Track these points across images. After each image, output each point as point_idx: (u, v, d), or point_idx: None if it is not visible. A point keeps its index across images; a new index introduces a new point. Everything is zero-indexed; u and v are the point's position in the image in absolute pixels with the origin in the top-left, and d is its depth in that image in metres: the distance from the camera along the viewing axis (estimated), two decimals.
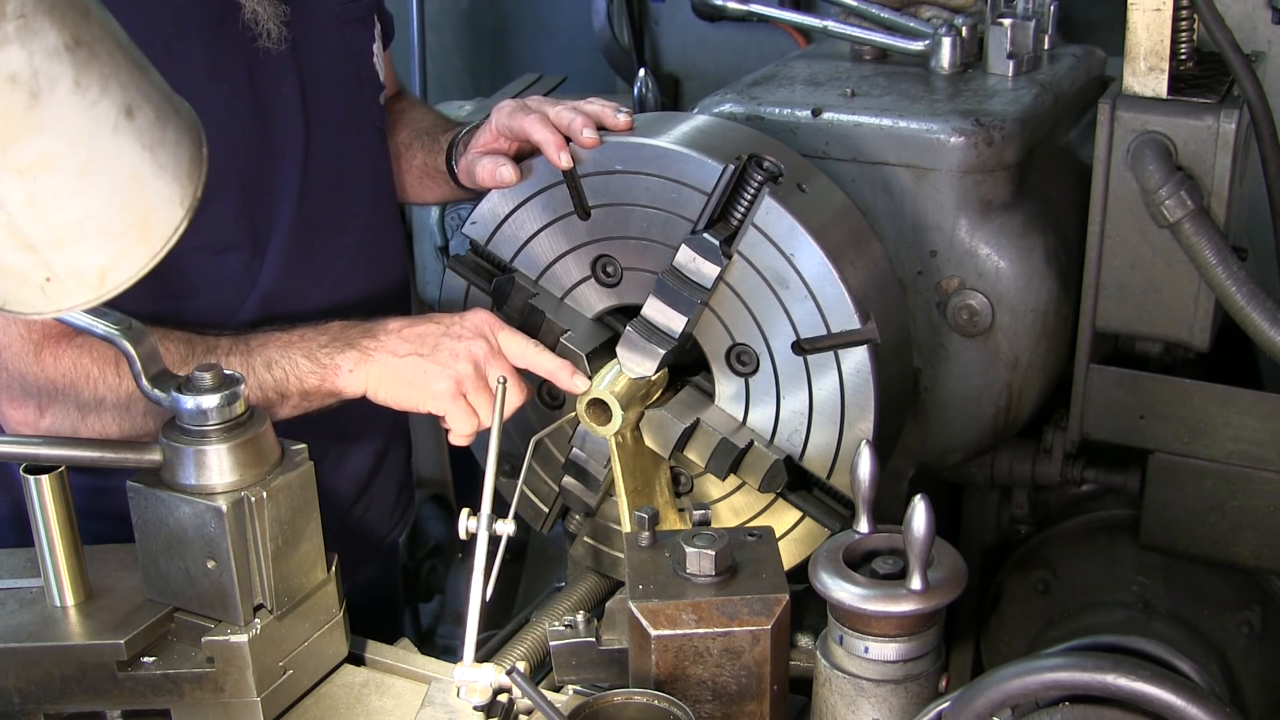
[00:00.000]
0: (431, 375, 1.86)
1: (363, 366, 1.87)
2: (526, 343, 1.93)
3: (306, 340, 1.90)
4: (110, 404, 1.85)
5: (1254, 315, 1.95)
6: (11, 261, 1.26)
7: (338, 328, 1.92)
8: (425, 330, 1.89)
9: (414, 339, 1.88)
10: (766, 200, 1.87)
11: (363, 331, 1.91)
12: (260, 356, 1.87)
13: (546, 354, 1.94)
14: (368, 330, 1.91)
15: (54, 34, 1.18)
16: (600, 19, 4.02)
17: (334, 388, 1.89)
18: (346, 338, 1.90)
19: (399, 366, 1.87)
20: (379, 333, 1.90)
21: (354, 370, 1.87)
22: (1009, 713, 1.34)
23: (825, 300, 1.87)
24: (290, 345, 1.89)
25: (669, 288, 1.92)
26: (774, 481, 1.96)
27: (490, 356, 1.89)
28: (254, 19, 1.92)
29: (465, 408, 1.88)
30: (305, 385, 1.88)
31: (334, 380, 1.88)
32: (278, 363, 1.87)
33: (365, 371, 1.88)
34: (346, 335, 1.91)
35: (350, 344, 1.89)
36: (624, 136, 1.97)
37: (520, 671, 1.55)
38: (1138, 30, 2.02)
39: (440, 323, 1.91)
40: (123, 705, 1.65)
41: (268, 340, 1.90)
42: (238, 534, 1.57)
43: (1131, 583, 2.53)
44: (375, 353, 1.88)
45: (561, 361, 1.95)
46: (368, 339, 1.89)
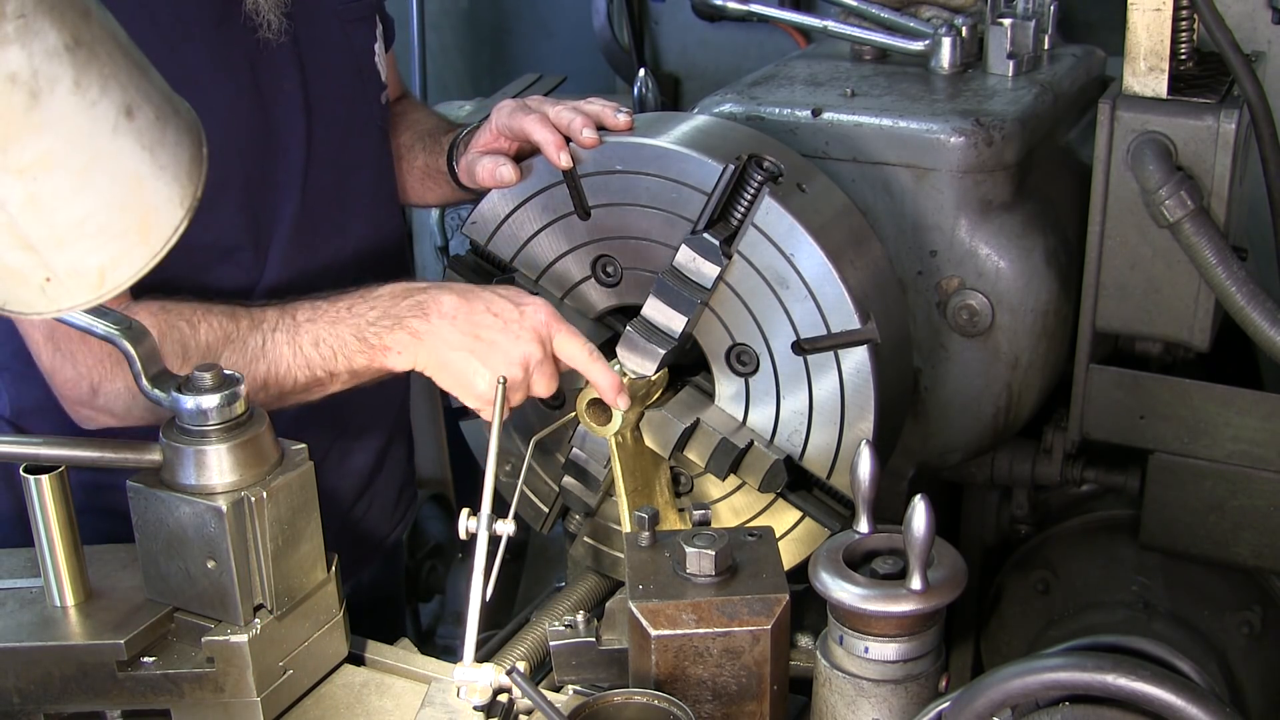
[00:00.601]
0: (479, 377, 1.80)
1: (411, 349, 1.81)
2: (583, 348, 1.85)
3: (355, 314, 1.84)
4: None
5: (1254, 315, 1.95)
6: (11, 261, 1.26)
7: (388, 297, 1.84)
8: (481, 322, 1.81)
9: (469, 330, 1.81)
10: (766, 200, 1.87)
11: (414, 307, 1.83)
12: (308, 333, 1.83)
13: (601, 365, 1.86)
14: (419, 306, 1.83)
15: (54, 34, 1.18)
16: (600, 19, 4.02)
17: (383, 366, 1.84)
18: (396, 313, 1.82)
19: (448, 358, 1.81)
20: (431, 312, 1.82)
21: (402, 352, 1.82)
22: (1009, 713, 1.34)
23: (825, 300, 1.87)
24: (338, 321, 1.83)
25: (669, 288, 1.92)
26: (774, 481, 1.96)
27: (541, 363, 1.82)
28: (254, 9, 1.92)
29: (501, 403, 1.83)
30: (354, 364, 1.84)
31: (382, 360, 1.83)
32: (325, 341, 1.83)
33: (414, 354, 1.82)
34: (396, 310, 1.83)
35: (399, 322, 1.82)
36: (624, 136, 1.97)
37: (520, 671, 1.55)
38: (1138, 30, 2.02)
39: (499, 315, 1.82)
40: (123, 705, 1.65)
41: (315, 314, 1.85)
42: (238, 534, 1.57)
43: (1131, 583, 2.53)
44: (426, 337, 1.81)
45: (613, 378, 1.87)
46: (419, 318, 1.82)
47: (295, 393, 1.86)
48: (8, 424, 2.08)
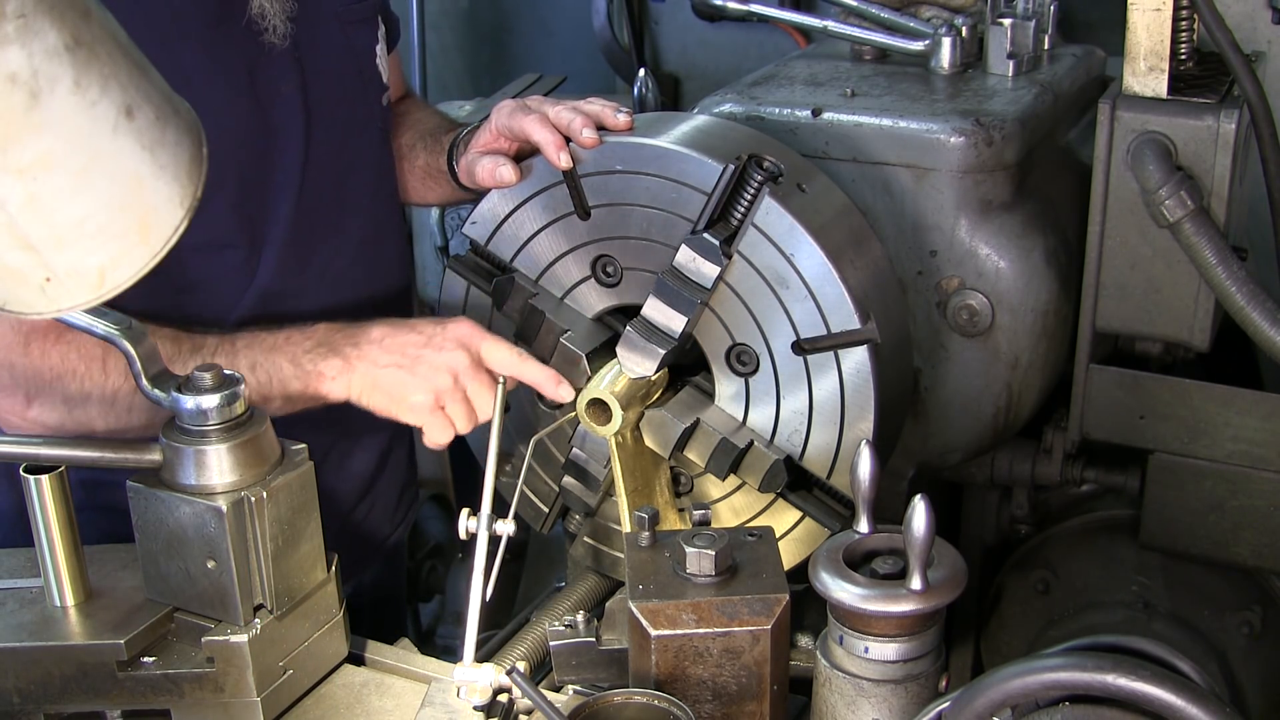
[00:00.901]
0: (409, 388, 1.87)
1: (345, 375, 1.88)
2: (511, 352, 1.91)
3: (292, 344, 1.90)
4: (95, 399, 1.85)
5: (1254, 315, 1.95)
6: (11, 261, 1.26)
7: (324, 331, 1.92)
8: (407, 340, 1.89)
9: (395, 349, 1.88)
10: (766, 200, 1.87)
11: (347, 337, 1.91)
12: (245, 358, 1.88)
13: (532, 363, 1.93)
14: (351, 336, 1.91)
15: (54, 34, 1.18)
16: (600, 19, 4.02)
17: (317, 393, 1.90)
18: (331, 343, 1.90)
19: (379, 376, 1.87)
20: (362, 340, 1.90)
21: (336, 378, 1.88)
22: (1009, 713, 1.34)
23: (825, 300, 1.87)
24: (275, 349, 1.89)
25: (669, 288, 1.92)
26: (774, 481, 1.96)
27: (471, 370, 1.88)
28: (260, 14, 1.93)
29: (442, 419, 1.89)
30: (289, 389, 1.89)
31: (317, 386, 1.89)
32: (261, 365, 1.88)
33: (347, 379, 1.88)
34: (331, 340, 1.90)
35: (334, 350, 1.89)
36: (624, 136, 1.97)
37: (520, 671, 1.55)
38: (1138, 30, 2.02)
39: (423, 333, 1.90)
40: (123, 705, 1.65)
41: (253, 341, 1.90)
42: (238, 534, 1.57)
43: (1131, 583, 2.53)
44: (357, 361, 1.88)
45: (548, 371, 1.93)
46: (351, 346, 1.89)
47: None
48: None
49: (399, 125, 2.38)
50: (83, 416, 1.86)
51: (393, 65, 2.33)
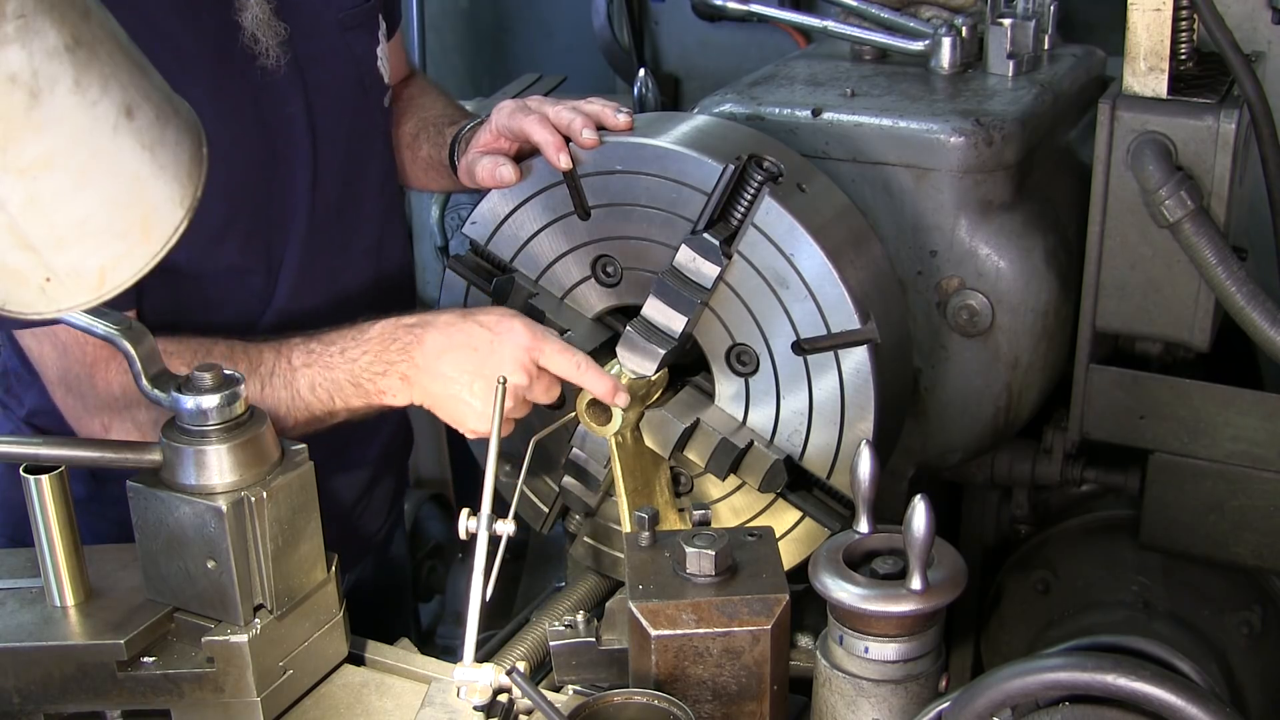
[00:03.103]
0: (469, 414, 1.85)
1: (404, 392, 1.88)
2: (572, 360, 1.86)
3: (348, 359, 1.88)
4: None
5: (1254, 315, 1.95)
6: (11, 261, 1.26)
7: (377, 340, 1.88)
8: (462, 360, 1.84)
9: (450, 369, 1.84)
10: (766, 200, 1.87)
11: (402, 350, 1.87)
12: (304, 379, 1.88)
13: (593, 372, 1.88)
14: (406, 350, 1.87)
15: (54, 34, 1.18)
16: (600, 19, 4.02)
17: (380, 405, 1.90)
18: (387, 359, 1.87)
19: (438, 398, 1.86)
20: (417, 355, 1.86)
21: (397, 395, 1.88)
22: (1009, 713, 1.34)
23: (825, 300, 1.87)
24: (332, 367, 1.88)
25: (669, 288, 1.92)
26: (774, 481, 1.96)
27: (529, 388, 1.85)
28: (253, 40, 1.92)
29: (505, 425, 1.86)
30: (351, 405, 1.90)
31: (379, 401, 1.89)
32: (321, 385, 1.88)
33: (408, 394, 1.88)
34: (387, 355, 1.87)
35: (391, 367, 1.87)
36: (624, 136, 1.97)
37: (520, 671, 1.55)
38: (1138, 30, 2.02)
39: (478, 349, 1.84)
40: (123, 705, 1.65)
41: (309, 359, 1.89)
42: (238, 534, 1.57)
43: (1131, 583, 2.53)
44: (415, 378, 1.86)
45: (609, 379, 1.89)
46: (405, 362, 1.87)
47: (295, 430, 1.91)
48: (26, 425, 2.09)
49: (403, 112, 2.37)
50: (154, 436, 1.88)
51: (395, 49, 2.32)
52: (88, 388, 1.87)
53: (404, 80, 2.44)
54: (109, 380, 1.87)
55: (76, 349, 1.85)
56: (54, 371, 1.89)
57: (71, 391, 1.89)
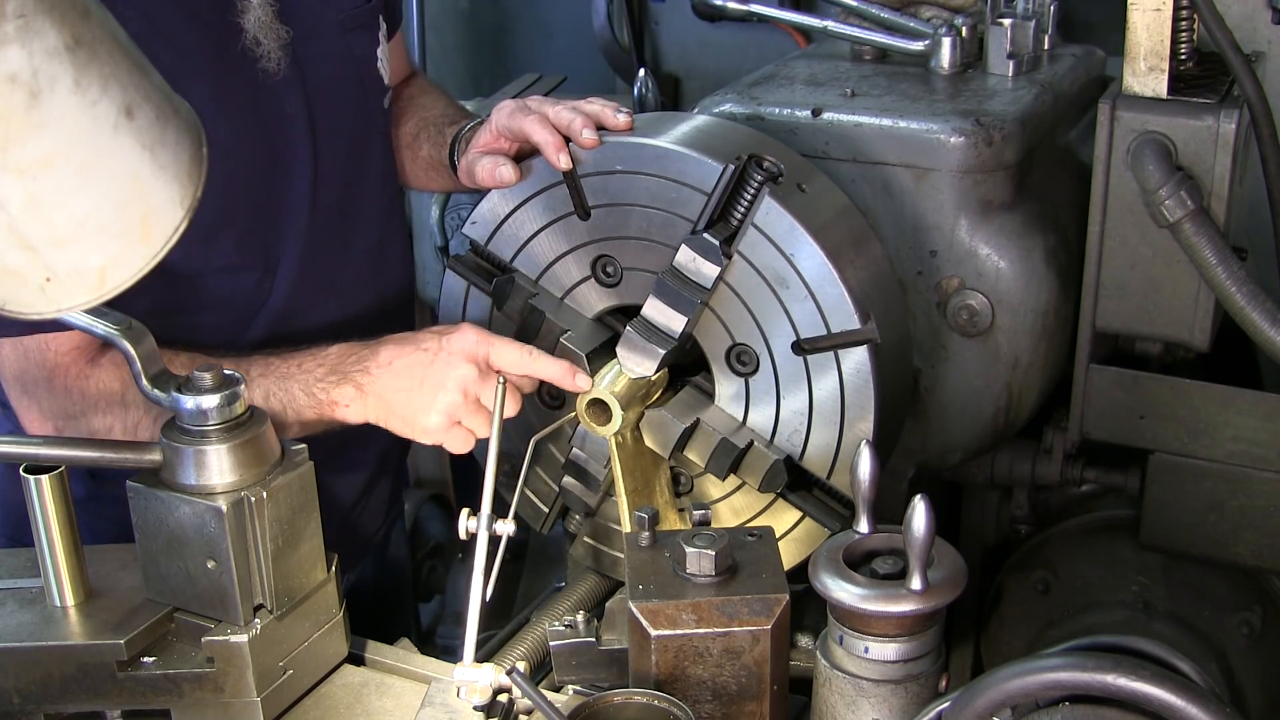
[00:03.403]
0: (422, 411, 1.86)
1: (358, 402, 1.88)
2: (522, 352, 1.90)
3: (305, 371, 1.90)
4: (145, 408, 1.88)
5: (1254, 315, 1.95)
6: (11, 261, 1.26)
7: (335, 356, 1.90)
8: (414, 361, 1.87)
9: (403, 372, 1.87)
10: (766, 200, 1.87)
11: (358, 361, 1.90)
12: (259, 387, 1.88)
13: (544, 359, 1.91)
14: (361, 361, 1.89)
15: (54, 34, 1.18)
16: (600, 19, 4.01)
17: (333, 419, 1.90)
18: (343, 369, 1.89)
19: (392, 402, 1.87)
20: (371, 365, 1.88)
21: (350, 405, 1.88)
22: (1009, 713, 1.34)
23: (825, 300, 1.87)
24: (288, 378, 1.89)
25: (669, 288, 1.92)
26: (774, 481, 1.96)
27: (480, 381, 1.87)
28: (254, 43, 1.92)
29: (460, 432, 1.89)
30: (304, 417, 1.89)
31: (331, 413, 1.89)
32: (275, 395, 1.88)
33: (362, 406, 1.88)
34: (343, 367, 1.89)
35: (345, 377, 1.88)
36: (624, 136, 1.97)
37: (520, 671, 1.55)
38: (1138, 30, 2.02)
39: (428, 349, 1.88)
40: (123, 705, 1.65)
41: (267, 370, 1.90)
42: (238, 534, 1.57)
43: (1131, 583, 2.53)
44: (368, 388, 1.87)
45: (562, 364, 1.92)
46: (361, 373, 1.88)
47: None
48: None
49: (403, 112, 2.37)
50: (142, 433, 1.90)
51: (395, 49, 2.32)
52: (44, 392, 1.87)
53: (404, 80, 2.44)
54: (67, 386, 1.86)
55: (37, 353, 1.85)
56: (11, 372, 1.88)
57: (27, 393, 1.88)
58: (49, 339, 1.84)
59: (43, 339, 1.83)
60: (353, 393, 1.87)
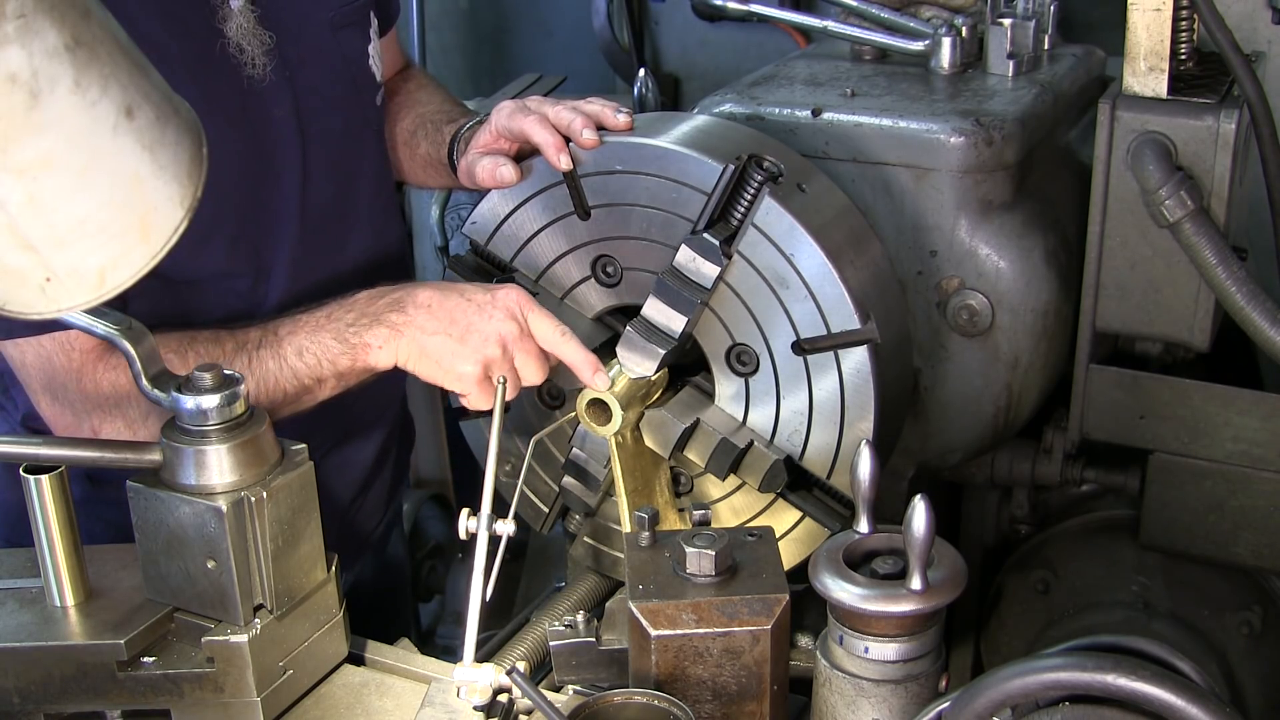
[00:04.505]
0: (459, 357, 1.83)
1: (391, 343, 1.85)
2: (556, 327, 1.88)
3: (334, 320, 1.88)
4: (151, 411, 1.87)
5: (1254, 315, 1.95)
6: (11, 261, 1.26)
7: (365, 300, 1.89)
8: (456, 306, 1.85)
9: (444, 316, 1.84)
10: (766, 200, 1.87)
11: (391, 303, 1.87)
12: (290, 345, 1.86)
13: (574, 343, 1.89)
14: (397, 302, 1.87)
15: (54, 34, 1.18)
16: (600, 19, 4.02)
17: (366, 364, 1.87)
18: (374, 312, 1.87)
19: (427, 344, 1.84)
20: (408, 304, 1.86)
21: (383, 346, 1.85)
22: (1009, 713, 1.34)
23: (825, 300, 1.87)
24: (319, 328, 1.87)
25: (669, 288, 1.92)
26: (774, 481, 1.96)
27: (519, 340, 1.85)
28: (238, 50, 1.91)
29: (488, 388, 1.86)
30: (338, 367, 1.87)
31: (365, 358, 1.86)
32: (308, 349, 1.86)
33: (395, 347, 1.85)
34: (374, 309, 1.87)
35: (378, 319, 1.86)
36: (624, 137, 1.97)
37: (520, 671, 1.55)
38: (1138, 30, 2.02)
39: (472, 299, 1.86)
40: (123, 705, 1.65)
41: (295, 326, 1.88)
42: (238, 534, 1.57)
43: (1131, 583, 2.53)
44: (405, 328, 1.85)
45: (588, 355, 1.90)
46: (396, 312, 1.86)
47: (286, 404, 1.89)
48: (22, 427, 2.09)
49: (400, 108, 2.36)
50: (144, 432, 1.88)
51: (389, 42, 2.31)
52: (75, 393, 1.86)
53: (399, 74, 2.43)
54: (97, 381, 1.85)
55: (61, 356, 1.84)
56: (38, 380, 1.88)
57: (58, 399, 1.87)
58: (71, 337, 1.82)
59: (64, 338, 1.82)
60: (386, 334, 1.85)
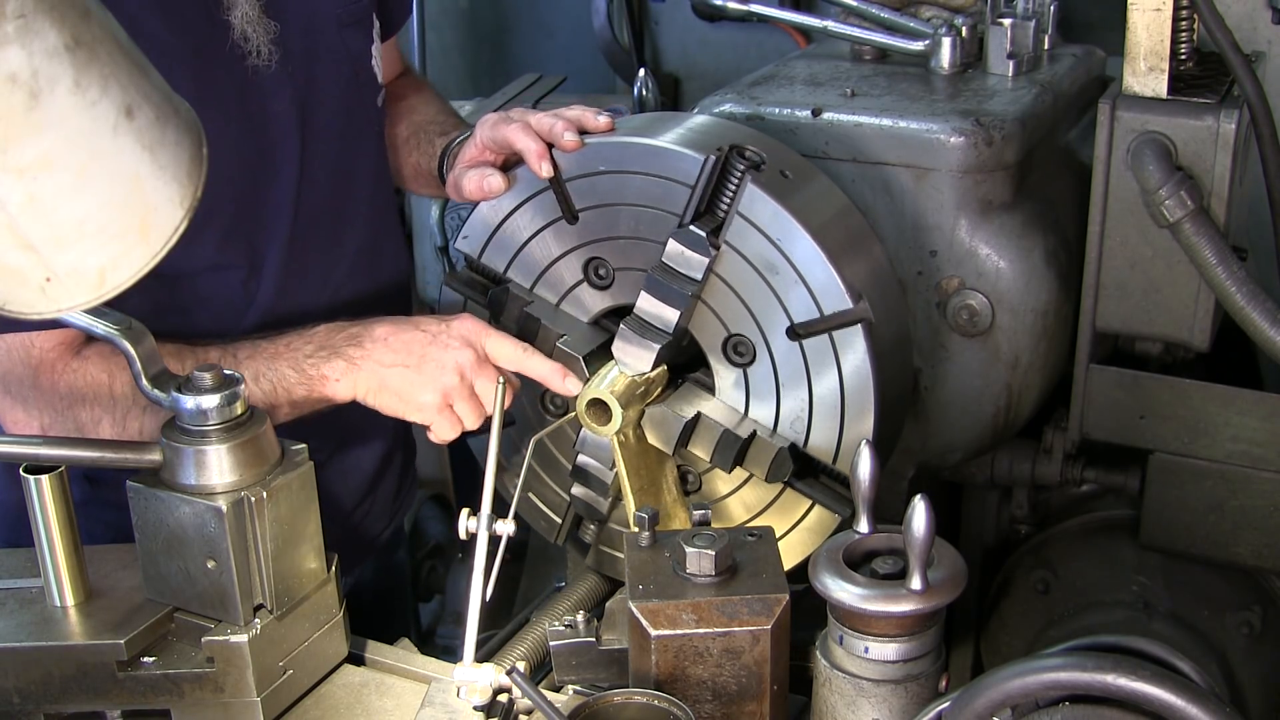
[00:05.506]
0: (418, 387, 1.87)
1: (349, 376, 1.88)
2: (516, 346, 1.92)
3: (293, 349, 1.90)
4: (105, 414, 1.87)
5: (1254, 315, 1.95)
6: (11, 261, 1.26)
7: (324, 333, 1.91)
8: (412, 339, 1.89)
9: (401, 348, 1.88)
10: (750, 187, 1.87)
11: (349, 338, 1.90)
12: (248, 369, 1.87)
13: (538, 357, 1.93)
14: (354, 337, 1.90)
15: (54, 34, 1.18)
16: (600, 19, 4.02)
17: (323, 395, 1.89)
18: (333, 345, 1.89)
19: (386, 376, 1.87)
20: (365, 339, 1.89)
21: (340, 379, 1.88)
22: (1009, 713, 1.34)
23: (815, 283, 1.87)
24: (277, 356, 1.89)
25: (660, 283, 1.92)
26: (780, 470, 1.95)
27: (477, 365, 1.88)
28: (243, 37, 1.91)
29: (450, 417, 1.90)
30: (294, 396, 1.89)
31: (322, 389, 1.88)
32: (265, 375, 1.88)
33: (353, 380, 1.88)
34: (332, 342, 1.90)
35: (336, 352, 1.88)
36: (606, 137, 1.97)
37: (520, 671, 1.55)
38: (1138, 30, 2.02)
39: (427, 330, 1.90)
40: (123, 705, 1.65)
41: (255, 351, 1.90)
42: (238, 534, 1.57)
43: (1131, 583, 2.53)
44: (362, 361, 1.88)
45: (553, 364, 1.94)
46: (354, 347, 1.89)
47: None
48: None
49: (396, 114, 2.36)
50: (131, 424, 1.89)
51: (389, 49, 2.32)
52: (30, 391, 1.86)
53: (397, 79, 2.43)
54: (55, 382, 1.85)
55: (20, 350, 1.84)
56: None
57: (10, 393, 1.87)
58: (34, 336, 1.83)
59: (27, 336, 1.83)
60: (344, 367, 1.87)
